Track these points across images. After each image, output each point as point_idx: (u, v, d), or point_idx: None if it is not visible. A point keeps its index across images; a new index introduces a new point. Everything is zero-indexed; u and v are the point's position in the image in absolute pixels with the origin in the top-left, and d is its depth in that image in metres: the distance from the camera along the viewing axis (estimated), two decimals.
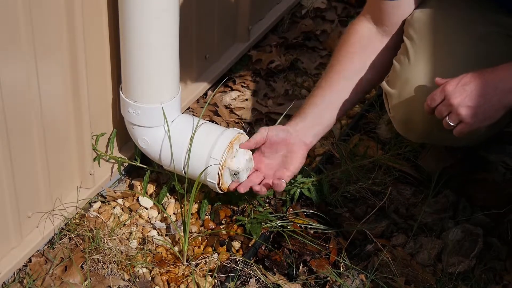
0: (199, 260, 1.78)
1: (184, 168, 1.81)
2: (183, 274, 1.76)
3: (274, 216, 1.87)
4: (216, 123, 2.16)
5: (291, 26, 2.71)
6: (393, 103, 1.80)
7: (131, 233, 1.85)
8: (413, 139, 1.95)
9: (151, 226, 1.89)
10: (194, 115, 1.93)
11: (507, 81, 1.54)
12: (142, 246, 1.82)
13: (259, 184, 1.80)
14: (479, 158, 2.00)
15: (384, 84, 1.83)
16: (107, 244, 1.78)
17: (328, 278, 1.74)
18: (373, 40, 1.83)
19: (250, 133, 2.20)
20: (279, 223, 1.85)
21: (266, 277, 1.74)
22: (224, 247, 1.83)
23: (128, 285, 1.72)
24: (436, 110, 1.59)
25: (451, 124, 1.57)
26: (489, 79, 1.55)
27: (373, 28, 1.82)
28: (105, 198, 1.94)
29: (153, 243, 1.83)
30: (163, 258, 1.80)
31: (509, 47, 1.72)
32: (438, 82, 1.60)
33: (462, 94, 1.54)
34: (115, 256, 1.76)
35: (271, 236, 1.85)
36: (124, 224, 1.87)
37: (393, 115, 1.82)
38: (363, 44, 1.82)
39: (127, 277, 1.74)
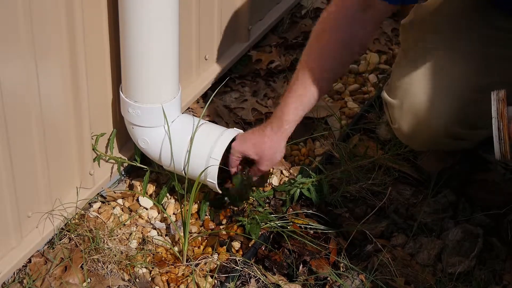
0: (199, 260, 1.78)
1: (184, 168, 1.81)
2: (183, 274, 1.76)
3: (274, 217, 1.87)
4: (216, 123, 2.16)
5: (291, 26, 2.71)
6: (395, 114, 1.78)
7: (131, 233, 1.85)
8: (418, 148, 1.94)
9: (151, 226, 1.89)
10: (194, 115, 1.93)
11: None
12: (142, 246, 1.82)
13: None
14: (479, 158, 2.00)
15: (384, 93, 1.81)
16: (107, 244, 1.78)
17: (328, 278, 1.74)
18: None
19: None
20: (279, 223, 1.85)
21: (266, 277, 1.74)
22: (224, 247, 1.83)
23: (128, 285, 1.72)
24: None
25: None
26: None
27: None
28: (105, 198, 1.94)
29: (153, 243, 1.83)
30: (163, 258, 1.80)
31: (509, 50, 1.72)
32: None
33: None
34: (115, 256, 1.76)
35: (271, 236, 1.85)
36: (124, 224, 1.87)
37: (397, 127, 1.80)
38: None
39: (127, 277, 1.74)
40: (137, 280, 1.73)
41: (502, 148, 1.43)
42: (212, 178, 1.78)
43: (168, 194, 1.96)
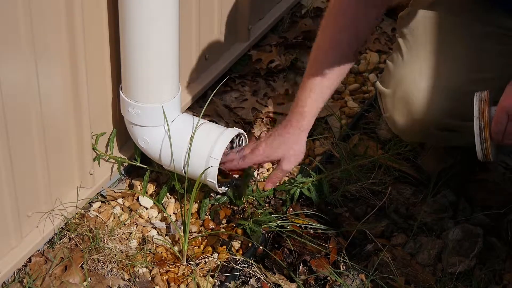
0: (199, 260, 1.78)
1: (184, 168, 1.81)
2: (183, 274, 1.76)
3: (275, 217, 1.87)
4: (216, 123, 2.16)
5: (291, 25, 2.71)
6: (387, 103, 1.79)
7: (131, 233, 1.85)
8: (408, 139, 1.94)
9: (151, 225, 1.89)
10: (194, 115, 1.93)
11: None
12: (142, 246, 1.82)
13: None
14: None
15: (378, 83, 1.82)
16: (107, 244, 1.78)
17: (328, 278, 1.74)
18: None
19: (250, 133, 2.21)
20: (279, 223, 1.85)
21: (266, 277, 1.74)
22: (224, 246, 1.83)
23: (128, 285, 1.72)
24: (506, 132, 1.43)
25: None
26: None
27: None
28: (105, 197, 1.94)
29: (153, 242, 1.83)
30: (163, 258, 1.80)
31: (507, 47, 1.72)
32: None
33: None
34: (115, 256, 1.76)
35: (271, 237, 1.85)
36: (124, 224, 1.87)
37: (388, 115, 1.81)
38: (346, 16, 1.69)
39: (127, 277, 1.74)
40: (137, 279, 1.73)
41: (484, 148, 1.43)
42: (212, 177, 1.78)
43: (168, 194, 1.96)
